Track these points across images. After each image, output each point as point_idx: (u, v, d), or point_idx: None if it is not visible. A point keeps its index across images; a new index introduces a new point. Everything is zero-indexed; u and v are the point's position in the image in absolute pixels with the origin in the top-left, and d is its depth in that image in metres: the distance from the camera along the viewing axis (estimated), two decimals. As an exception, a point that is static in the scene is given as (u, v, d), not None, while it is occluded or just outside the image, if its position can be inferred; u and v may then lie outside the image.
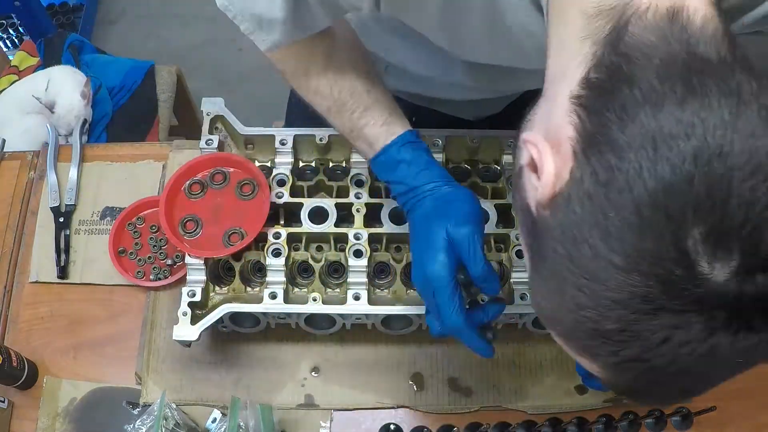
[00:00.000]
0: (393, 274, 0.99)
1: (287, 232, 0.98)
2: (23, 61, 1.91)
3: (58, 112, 1.63)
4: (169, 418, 0.95)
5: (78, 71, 1.71)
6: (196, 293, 0.95)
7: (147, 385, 1.04)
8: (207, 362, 1.06)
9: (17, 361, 1.00)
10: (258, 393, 1.04)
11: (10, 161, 1.23)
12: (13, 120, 1.63)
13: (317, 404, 1.04)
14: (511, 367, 1.07)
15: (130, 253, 1.12)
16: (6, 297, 1.11)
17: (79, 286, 1.12)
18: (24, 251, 1.15)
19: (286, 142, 1.03)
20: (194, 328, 0.92)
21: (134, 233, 1.13)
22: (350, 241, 0.97)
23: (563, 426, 0.99)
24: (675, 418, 1.03)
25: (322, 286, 0.99)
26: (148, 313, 1.09)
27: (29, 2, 2.18)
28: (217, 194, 0.99)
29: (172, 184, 0.98)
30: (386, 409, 1.04)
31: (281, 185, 1.01)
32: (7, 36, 2.47)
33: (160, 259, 1.12)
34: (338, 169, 1.07)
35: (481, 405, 1.04)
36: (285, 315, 0.99)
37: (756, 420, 1.07)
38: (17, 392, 1.04)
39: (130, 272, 1.10)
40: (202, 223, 0.97)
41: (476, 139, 1.04)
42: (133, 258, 1.12)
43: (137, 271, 1.10)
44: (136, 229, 1.14)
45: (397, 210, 0.99)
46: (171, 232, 0.95)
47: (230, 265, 0.99)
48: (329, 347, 1.07)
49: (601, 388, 0.88)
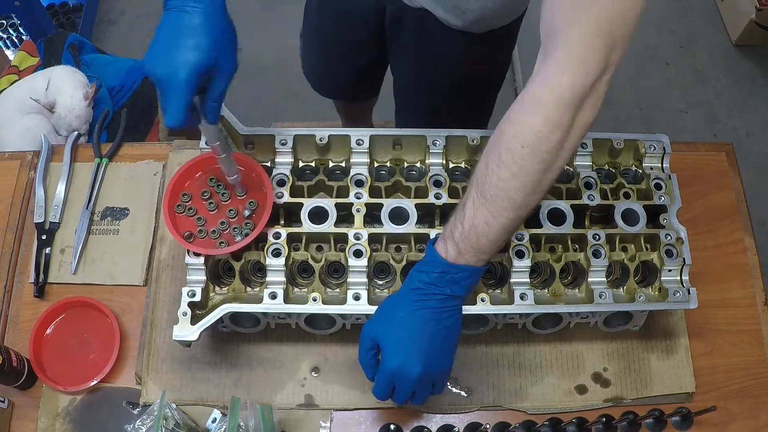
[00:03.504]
0: (393, 274, 0.99)
1: (287, 232, 0.98)
2: (23, 61, 1.91)
3: (59, 112, 1.63)
4: (169, 418, 0.95)
5: (78, 71, 1.71)
6: (196, 293, 0.95)
7: (147, 385, 1.04)
8: (207, 362, 1.06)
9: (17, 361, 1.00)
10: (258, 393, 1.04)
11: (10, 161, 1.23)
12: (13, 120, 1.62)
13: (317, 404, 1.04)
14: (511, 367, 1.07)
15: (199, 231, 0.98)
16: (6, 297, 1.11)
17: (80, 286, 1.12)
18: (24, 251, 1.15)
19: (286, 142, 1.03)
20: (194, 328, 0.92)
21: (188, 210, 1.00)
22: (350, 241, 0.97)
23: (563, 426, 0.99)
24: (675, 418, 1.03)
25: (322, 286, 0.99)
26: (148, 313, 1.09)
27: (29, 2, 2.18)
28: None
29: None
30: (386, 409, 1.04)
31: (281, 185, 1.01)
32: (7, 36, 2.47)
33: (231, 218, 0.99)
34: (338, 169, 1.07)
35: (480, 405, 1.04)
36: (285, 315, 0.99)
37: (756, 420, 1.07)
38: (17, 392, 1.04)
39: (212, 248, 0.97)
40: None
41: (476, 139, 1.04)
42: (203, 236, 0.98)
43: (219, 242, 0.98)
44: (188, 206, 1.00)
45: (398, 210, 0.99)
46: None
47: (230, 265, 0.99)
48: (329, 347, 1.07)
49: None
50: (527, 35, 1.23)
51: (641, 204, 1.02)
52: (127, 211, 1.17)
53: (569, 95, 0.74)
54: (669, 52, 2.66)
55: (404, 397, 0.90)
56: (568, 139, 0.77)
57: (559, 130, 0.76)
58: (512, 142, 0.77)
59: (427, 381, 0.89)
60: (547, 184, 0.80)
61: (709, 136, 2.48)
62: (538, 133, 0.76)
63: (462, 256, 0.84)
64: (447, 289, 0.85)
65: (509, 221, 0.81)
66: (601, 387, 1.06)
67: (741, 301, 1.14)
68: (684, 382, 1.07)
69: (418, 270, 0.88)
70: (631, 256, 1.01)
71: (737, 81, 2.61)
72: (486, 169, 0.80)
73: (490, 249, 0.84)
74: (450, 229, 0.85)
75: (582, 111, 0.76)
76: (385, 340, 0.87)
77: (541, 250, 1.01)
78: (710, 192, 1.22)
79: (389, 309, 0.89)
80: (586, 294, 0.99)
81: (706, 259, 1.16)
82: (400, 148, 1.06)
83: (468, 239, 0.83)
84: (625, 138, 1.06)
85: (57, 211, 1.16)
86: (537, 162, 0.77)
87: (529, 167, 0.78)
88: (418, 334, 0.86)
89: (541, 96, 0.75)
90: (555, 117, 0.75)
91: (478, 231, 0.82)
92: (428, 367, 0.87)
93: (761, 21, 2.53)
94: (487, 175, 0.80)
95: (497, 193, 0.80)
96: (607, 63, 0.75)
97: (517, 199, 0.80)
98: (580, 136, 0.78)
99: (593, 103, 0.76)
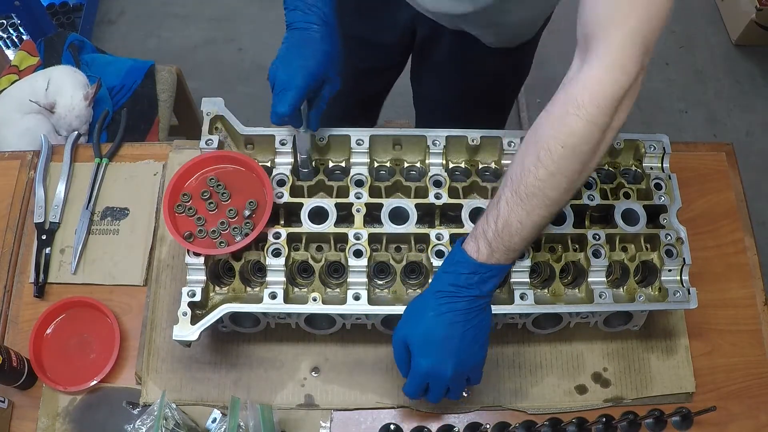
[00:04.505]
0: (393, 274, 0.99)
1: (287, 232, 0.98)
2: (23, 61, 1.91)
3: (59, 112, 1.63)
4: (169, 418, 0.95)
5: (78, 71, 1.71)
6: (196, 293, 0.95)
7: (147, 385, 1.04)
8: (207, 362, 1.06)
9: (17, 361, 1.00)
10: (258, 393, 1.04)
11: (10, 161, 1.23)
12: (13, 120, 1.62)
13: (317, 404, 1.04)
14: (511, 367, 1.07)
15: (199, 231, 0.97)
16: (6, 297, 1.11)
17: (80, 286, 1.12)
18: (24, 251, 1.15)
19: (286, 142, 1.03)
20: (194, 328, 0.92)
21: (188, 210, 0.99)
22: (350, 241, 0.97)
23: (563, 426, 0.99)
24: (675, 418, 1.03)
25: (322, 286, 0.99)
26: (148, 313, 1.09)
27: (29, 2, 2.18)
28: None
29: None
30: (386, 409, 1.04)
31: (281, 185, 1.01)
32: (7, 36, 2.47)
33: (231, 218, 0.98)
34: (338, 169, 1.07)
35: (480, 405, 1.04)
36: (285, 315, 0.99)
37: (756, 420, 1.07)
38: (17, 392, 1.04)
39: (212, 248, 0.97)
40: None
41: (476, 139, 1.04)
42: (203, 236, 0.97)
43: (219, 242, 0.97)
44: (188, 206, 0.99)
45: (397, 210, 0.99)
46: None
47: (230, 265, 0.99)
48: (329, 347, 1.07)
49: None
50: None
51: (641, 204, 1.02)
52: (127, 211, 1.17)
53: (610, 98, 0.77)
54: (669, 52, 2.66)
55: (439, 396, 0.91)
56: (604, 140, 0.80)
57: (598, 132, 0.78)
58: (551, 143, 0.79)
59: (460, 377, 0.90)
60: (581, 182, 0.83)
61: (709, 136, 2.48)
62: (580, 135, 0.78)
63: (493, 254, 0.86)
64: (475, 290, 0.87)
65: (542, 219, 0.84)
66: (601, 387, 1.06)
67: (741, 301, 1.14)
68: (684, 382, 1.07)
69: (445, 271, 0.89)
70: (631, 256, 1.01)
71: (737, 81, 2.61)
72: (522, 168, 0.82)
73: (520, 247, 0.86)
74: (482, 229, 0.86)
75: (618, 113, 0.79)
76: (415, 343, 0.88)
77: (541, 250, 1.01)
78: (710, 192, 1.22)
79: (417, 312, 0.90)
80: (586, 294, 0.99)
81: (706, 259, 1.16)
82: (400, 148, 1.06)
83: (501, 238, 0.85)
84: (625, 138, 1.06)
85: (57, 211, 1.16)
86: (575, 162, 0.80)
87: (567, 167, 0.80)
88: (447, 335, 0.87)
89: (583, 98, 0.77)
90: (596, 119, 0.77)
91: (511, 230, 0.84)
92: (460, 365, 0.88)
93: (761, 21, 2.53)
94: (523, 175, 0.82)
95: (533, 192, 0.82)
96: (643, 65, 0.77)
97: (552, 197, 0.82)
98: (613, 137, 0.81)
99: (628, 104, 0.79)
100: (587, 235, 0.99)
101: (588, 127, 0.78)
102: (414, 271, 1.01)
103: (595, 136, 0.78)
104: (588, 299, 0.98)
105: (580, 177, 0.82)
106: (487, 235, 0.85)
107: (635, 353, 1.08)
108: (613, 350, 1.08)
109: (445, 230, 0.98)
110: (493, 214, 0.85)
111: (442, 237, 0.97)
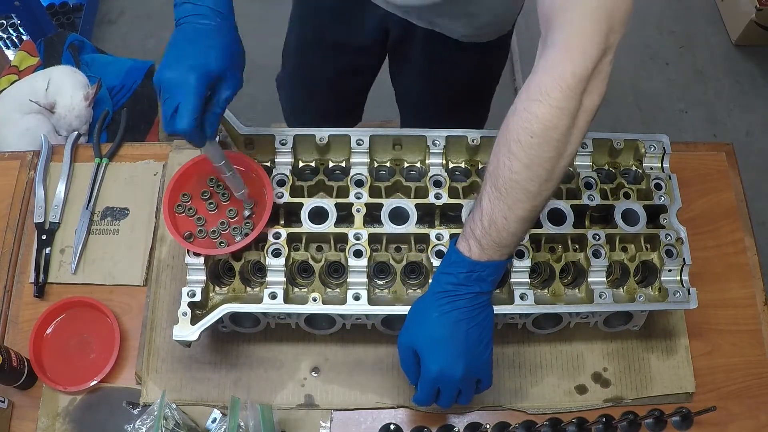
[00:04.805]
0: (393, 274, 0.99)
1: (287, 232, 0.98)
2: (23, 61, 1.91)
3: (59, 112, 1.63)
4: (169, 418, 0.95)
5: (78, 71, 1.71)
6: (196, 293, 0.95)
7: (147, 385, 1.04)
8: (207, 362, 1.06)
9: (17, 361, 1.00)
10: (258, 393, 1.04)
11: (10, 161, 1.23)
12: (13, 120, 1.62)
13: (317, 404, 1.04)
14: (511, 367, 1.07)
15: (199, 231, 0.98)
16: (6, 297, 1.11)
17: (80, 286, 1.12)
18: (24, 251, 1.15)
19: (286, 142, 1.03)
20: (194, 328, 0.92)
21: (188, 210, 1.00)
22: (350, 241, 0.97)
23: (563, 426, 0.99)
24: (675, 418, 1.03)
25: (322, 286, 0.99)
26: (148, 313, 1.09)
27: (29, 2, 2.18)
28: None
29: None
30: (386, 409, 1.04)
31: (281, 185, 1.01)
32: (7, 36, 2.47)
33: (231, 218, 0.99)
34: (338, 169, 1.07)
35: (480, 405, 1.04)
36: (285, 315, 0.99)
37: (756, 420, 1.07)
38: (17, 392, 1.04)
39: (212, 248, 0.97)
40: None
41: (476, 138, 1.04)
42: (203, 236, 0.98)
43: (219, 242, 0.98)
44: (188, 206, 1.00)
45: (397, 210, 0.99)
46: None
47: (230, 265, 0.99)
48: (329, 347, 1.07)
49: None
50: (526, 36, 1.24)
51: (641, 204, 1.02)
52: (127, 211, 1.17)
53: (573, 80, 0.74)
54: (669, 52, 2.66)
55: (450, 400, 0.90)
56: (576, 124, 0.77)
57: (567, 116, 0.76)
58: (521, 133, 0.77)
59: (470, 378, 0.89)
60: (561, 171, 0.80)
61: (709, 136, 2.48)
62: (546, 121, 0.76)
63: (485, 252, 0.84)
64: (475, 287, 0.86)
65: (526, 212, 0.81)
66: (601, 387, 1.06)
67: (741, 301, 1.14)
68: (684, 382, 1.07)
69: (443, 272, 0.88)
70: (631, 256, 1.01)
71: (737, 81, 2.61)
72: (497, 162, 0.80)
73: (511, 242, 0.84)
74: (470, 228, 0.85)
75: (587, 94, 0.76)
76: (422, 346, 0.87)
77: (541, 250, 1.01)
78: (710, 192, 1.22)
79: (420, 314, 0.89)
80: (586, 294, 0.99)
81: (706, 259, 1.16)
82: (400, 148, 1.06)
83: (489, 235, 0.83)
84: (625, 138, 1.06)
85: (57, 211, 1.16)
86: (548, 150, 0.77)
87: (541, 156, 0.77)
88: (453, 335, 0.86)
89: (545, 84, 0.75)
90: (561, 103, 0.75)
91: (498, 226, 0.82)
92: (470, 364, 0.87)
93: (761, 21, 2.53)
94: (499, 169, 0.80)
95: (512, 186, 0.79)
96: (607, 44, 0.75)
97: (532, 190, 0.79)
98: (588, 120, 0.78)
99: (598, 85, 0.76)
100: (587, 235, 0.99)
101: (554, 113, 0.75)
102: (414, 271, 1.01)
103: (563, 121, 0.76)
104: (588, 299, 0.98)
105: (557, 165, 0.79)
106: (476, 234, 0.84)
107: (635, 353, 1.08)
108: (613, 350, 1.08)
109: (445, 230, 0.98)
110: (478, 211, 0.84)
111: (442, 237, 0.97)
